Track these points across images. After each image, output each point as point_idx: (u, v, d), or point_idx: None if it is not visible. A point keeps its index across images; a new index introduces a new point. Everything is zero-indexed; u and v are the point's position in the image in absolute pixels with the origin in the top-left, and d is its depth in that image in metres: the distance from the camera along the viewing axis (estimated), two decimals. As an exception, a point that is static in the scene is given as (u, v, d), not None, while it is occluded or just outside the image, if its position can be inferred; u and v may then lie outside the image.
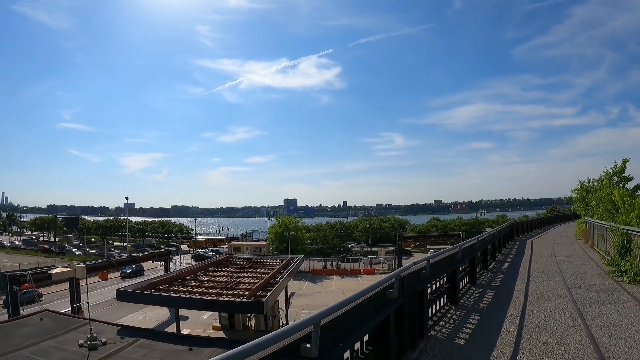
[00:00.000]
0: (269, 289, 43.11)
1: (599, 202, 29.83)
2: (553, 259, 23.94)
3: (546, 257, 25.03)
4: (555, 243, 34.45)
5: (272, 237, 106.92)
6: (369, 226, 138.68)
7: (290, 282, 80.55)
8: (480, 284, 17.02)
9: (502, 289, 15.83)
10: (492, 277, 18.63)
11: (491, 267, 21.20)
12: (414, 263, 9.18)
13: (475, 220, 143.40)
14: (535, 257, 25.25)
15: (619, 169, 29.79)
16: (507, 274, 19.51)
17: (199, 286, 45.07)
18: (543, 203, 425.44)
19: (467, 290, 15.60)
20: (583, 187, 41.73)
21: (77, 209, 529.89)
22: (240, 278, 49.01)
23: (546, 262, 23.01)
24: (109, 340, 18.66)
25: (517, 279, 17.91)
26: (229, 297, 40.29)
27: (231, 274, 51.72)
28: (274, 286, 44.89)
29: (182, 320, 46.50)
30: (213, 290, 42.94)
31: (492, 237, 23.55)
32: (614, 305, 12.59)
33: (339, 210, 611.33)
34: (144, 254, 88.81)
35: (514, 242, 36.28)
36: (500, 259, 25.13)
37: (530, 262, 23.12)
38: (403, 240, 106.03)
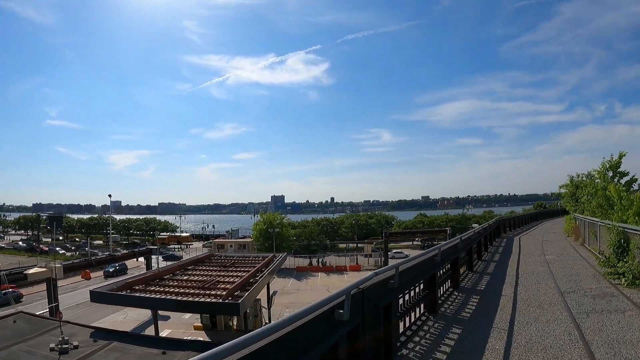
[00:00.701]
0: (247, 289, 41.63)
1: (591, 198, 28.26)
2: (543, 258, 22.40)
3: (535, 256, 23.48)
4: (544, 240, 32.96)
5: (256, 234, 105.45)
6: (354, 222, 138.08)
7: (275, 279, 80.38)
8: (464, 287, 15.38)
9: (488, 294, 14.20)
10: (477, 279, 17.03)
11: (477, 268, 19.60)
12: (376, 274, 7.48)
13: (462, 216, 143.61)
14: (523, 256, 23.67)
15: (615, 163, 27.79)
16: (493, 275, 17.89)
17: (176, 286, 43.66)
18: (530, 199, 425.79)
19: (449, 296, 13.99)
20: (572, 182, 40.25)
21: (64, 207, 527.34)
22: (220, 277, 47.62)
23: (535, 261, 21.44)
24: (82, 344, 18.15)
25: (504, 281, 16.32)
26: (205, 298, 38.95)
27: (210, 273, 50.38)
28: (253, 285, 43.48)
29: (163, 320, 45.00)
30: (190, 290, 41.60)
31: (478, 235, 21.97)
32: (614, 314, 11.03)
33: (327, 207, 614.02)
34: (124, 252, 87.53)
35: (501, 240, 34.74)
36: (486, 257, 23.55)
37: (519, 261, 21.52)
38: (389, 236, 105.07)
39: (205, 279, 46.70)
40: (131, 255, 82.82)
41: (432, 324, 11.04)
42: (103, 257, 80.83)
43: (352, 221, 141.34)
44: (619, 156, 27.55)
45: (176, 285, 44.16)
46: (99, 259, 77.90)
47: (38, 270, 54.19)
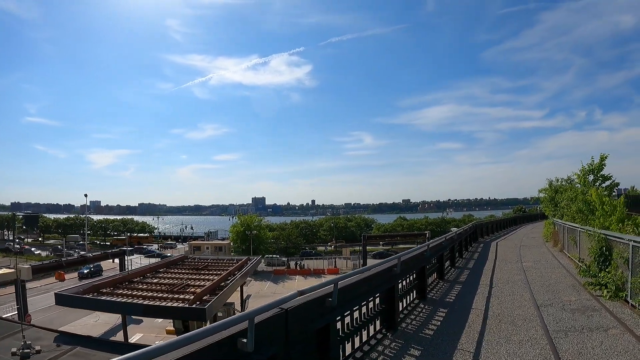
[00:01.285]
0: (217, 293, 40.34)
1: (571, 203, 26.98)
2: (519, 265, 21.16)
3: (512, 263, 22.25)
4: (522, 246, 31.86)
5: (234, 236, 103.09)
6: (333, 225, 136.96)
7: (252, 282, 79.41)
8: (432, 299, 13.96)
9: (457, 307, 12.80)
10: (447, 289, 15.66)
11: (449, 276, 18.26)
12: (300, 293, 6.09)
13: (442, 219, 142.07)
14: (499, 263, 22.42)
15: (597, 165, 26.40)
16: (466, 284, 16.52)
17: (145, 289, 42.38)
18: (510, 203, 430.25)
19: (413, 310, 12.55)
20: (552, 186, 39.01)
21: (42, 206, 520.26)
22: (191, 280, 46.37)
23: (512, 269, 20.19)
24: (45, 348, 17.85)
25: (476, 292, 14.95)
26: (173, 302, 37.56)
27: (182, 276, 49.18)
28: (223, 289, 42.19)
29: (135, 324, 43.46)
30: (159, 294, 40.31)
31: (451, 242, 20.68)
32: (595, 333, 9.69)
33: (307, 209, 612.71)
34: (96, 253, 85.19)
35: (477, 244, 33.60)
36: (460, 264, 22.24)
37: (494, 269, 20.24)
38: (368, 239, 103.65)
39: (175, 282, 45.51)
40: (104, 257, 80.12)
41: (388, 343, 9.66)
42: (74, 258, 78.78)
43: (330, 224, 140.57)
44: (601, 159, 25.95)
45: (145, 288, 42.93)
46: (70, 260, 75.69)
47: (5, 271, 52.36)
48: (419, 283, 13.77)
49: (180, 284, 44.43)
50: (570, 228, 22.45)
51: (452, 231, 23.39)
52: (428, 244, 14.75)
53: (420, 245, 14.79)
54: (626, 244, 12.33)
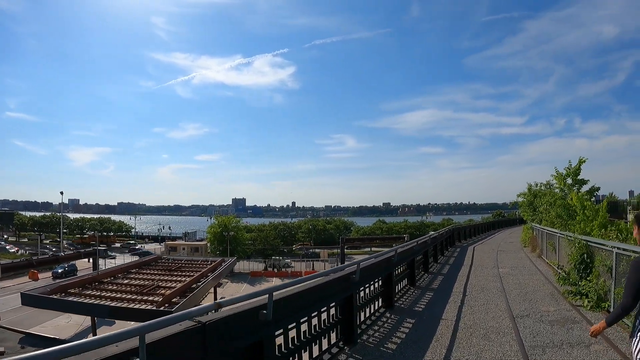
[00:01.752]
0: (187, 295, 39.40)
1: (550, 207, 26.12)
2: (496, 271, 20.21)
3: (488, 269, 21.29)
4: (499, 250, 31.01)
5: (211, 237, 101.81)
6: (311, 227, 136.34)
7: (228, 284, 78.25)
8: (400, 307, 12.91)
9: (427, 317, 11.75)
10: (418, 296, 14.65)
11: (421, 282, 17.23)
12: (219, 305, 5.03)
13: (421, 223, 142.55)
14: (475, 269, 21.46)
15: (574, 169, 25.24)
16: (438, 292, 15.48)
17: (115, 290, 41.64)
18: (489, 208, 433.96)
19: (378, 319, 11.46)
20: (531, 190, 38.23)
21: (20, 204, 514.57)
22: (162, 282, 45.51)
23: (487, 275, 19.24)
24: (9, 350, 18.13)
25: (448, 299, 13.90)
26: (141, 304, 36.62)
27: (154, 277, 48.34)
28: (194, 291, 41.35)
29: (108, 325, 42.02)
30: (128, 295, 39.62)
31: (424, 246, 19.62)
32: (576, 349, 8.66)
33: (288, 211, 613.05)
34: (69, 252, 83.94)
35: (454, 249, 32.65)
36: (435, 269, 21.21)
37: (469, 275, 19.27)
38: (346, 242, 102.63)
39: (146, 284, 44.73)
40: (76, 256, 78.77)
41: (344, 358, 8.60)
42: (46, 257, 77.50)
43: (309, 226, 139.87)
44: (579, 162, 24.79)
45: (115, 289, 42.19)
46: (41, 259, 74.51)
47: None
48: (385, 290, 12.77)
49: (150, 285, 43.61)
50: (549, 233, 21.48)
51: (427, 235, 22.63)
52: (396, 249, 13.66)
53: (387, 250, 13.71)
54: (609, 251, 11.34)
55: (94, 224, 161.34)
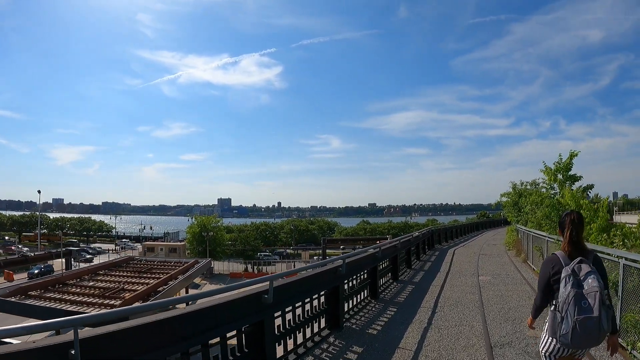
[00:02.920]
0: (148, 298, 37.29)
1: (536, 207, 23.65)
2: (475, 280, 17.74)
3: (467, 276, 18.84)
4: (481, 254, 28.54)
5: (190, 237, 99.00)
6: (293, 228, 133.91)
7: (207, 285, 75.74)
8: (350, 329, 10.34)
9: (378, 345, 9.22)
10: (377, 313, 12.21)
11: (385, 293, 14.75)
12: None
13: (405, 224, 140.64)
14: (452, 276, 19.02)
15: (565, 164, 21.24)
16: (403, 306, 13.00)
17: (76, 293, 39.85)
18: (474, 208, 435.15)
19: (317, 345, 9.23)
20: (515, 189, 35.77)
21: (3, 202, 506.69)
22: (128, 284, 43.62)
23: (465, 284, 16.78)
24: None
25: (413, 318, 11.30)
26: (100, 308, 34.67)
27: (120, 279, 46.49)
28: (159, 293, 39.37)
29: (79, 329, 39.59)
30: (89, 298, 37.97)
31: (393, 251, 17.31)
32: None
33: (273, 211, 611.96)
34: (39, 253, 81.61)
35: (433, 252, 30.30)
36: (406, 277, 18.82)
37: (444, 284, 16.77)
38: (328, 243, 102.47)
39: (111, 286, 42.73)
40: (47, 256, 76.43)
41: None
42: (14, 257, 75.52)
43: (290, 227, 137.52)
44: (570, 156, 20.85)
45: (77, 292, 40.25)
46: (10, 259, 72.85)
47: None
48: (329, 309, 10.37)
49: (115, 287, 41.64)
50: (536, 236, 19.05)
51: (397, 238, 20.19)
52: (344, 258, 10.78)
53: (334, 258, 11.10)
54: (614, 261, 8.82)
55: (74, 223, 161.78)
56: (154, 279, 45.70)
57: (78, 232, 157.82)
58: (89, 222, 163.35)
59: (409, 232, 37.59)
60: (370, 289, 13.82)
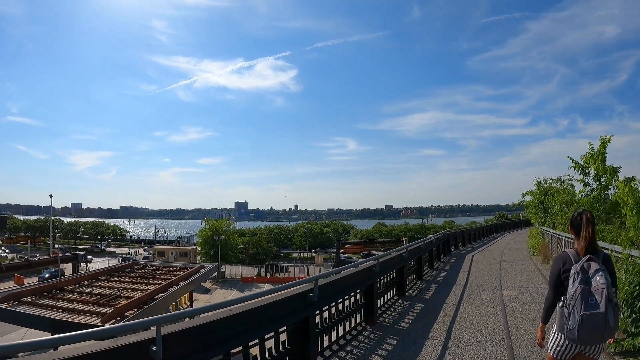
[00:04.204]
0: (142, 307, 34.89)
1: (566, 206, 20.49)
2: (497, 296, 14.75)
3: (487, 291, 15.82)
4: (503, 261, 25.26)
5: (201, 241, 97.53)
6: (306, 231, 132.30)
7: (217, 290, 73.95)
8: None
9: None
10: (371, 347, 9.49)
11: (387, 316, 11.99)
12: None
13: (422, 226, 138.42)
14: (470, 291, 15.97)
15: (599, 152, 15.86)
16: (405, 337, 10.08)
17: (72, 299, 37.39)
18: (492, 209, 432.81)
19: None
20: (540, 187, 32.26)
21: (22, 207, 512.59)
22: (127, 290, 41.05)
23: (486, 302, 13.84)
24: None
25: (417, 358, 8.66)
26: (90, 317, 32.53)
27: (120, 285, 44.05)
28: (156, 300, 37.05)
29: (65, 334, 37.37)
30: (84, 306, 35.38)
31: (400, 260, 14.59)
32: None
33: (290, 214, 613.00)
34: (44, 257, 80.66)
35: (449, 258, 27.28)
36: (415, 291, 15.94)
37: (460, 303, 13.76)
38: (342, 246, 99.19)
39: (109, 292, 40.48)
40: (52, 261, 75.49)
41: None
42: (17, 262, 74.69)
43: (304, 230, 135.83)
44: (602, 144, 15.91)
45: (73, 298, 37.85)
46: (13, 264, 72.94)
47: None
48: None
49: (112, 294, 39.30)
50: (568, 241, 15.93)
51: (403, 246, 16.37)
52: (316, 280, 8.19)
53: (301, 282, 8.38)
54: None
55: (88, 227, 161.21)
56: (154, 285, 43.21)
57: (92, 236, 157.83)
58: (103, 227, 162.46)
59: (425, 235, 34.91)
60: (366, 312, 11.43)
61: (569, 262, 4.90)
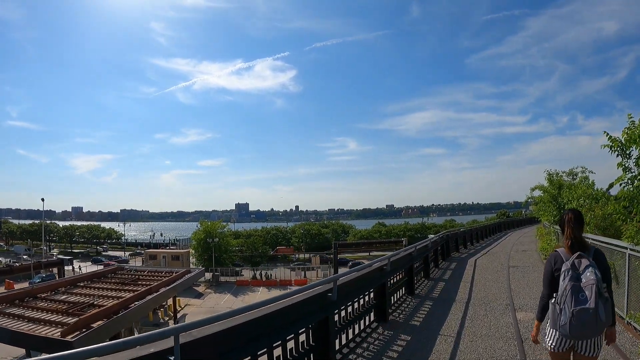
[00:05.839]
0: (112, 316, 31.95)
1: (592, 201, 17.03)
2: (509, 321, 11.12)
3: (496, 313, 12.14)
4: (511, 267, 21.56)
5: (195, 244, 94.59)
6: (303, 232, 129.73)
7: (210, 294, 71.07)
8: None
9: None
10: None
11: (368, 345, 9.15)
12: None
13: (422, 225, 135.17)
14: (474, 312, 12.37)
15: None
16: None
17: (44, 308, 34.51)
18: (493, 208, 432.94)
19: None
20: (552, 181, 28.24)
21: (23, 212, 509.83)
22: (102, 298, 37.89)
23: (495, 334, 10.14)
24: None
25: None
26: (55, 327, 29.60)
27: (97, 292, 41.19)
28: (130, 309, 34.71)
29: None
30: (53, 315, 32.70)
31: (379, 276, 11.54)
32: None
33: (291, 215, 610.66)
34: (27, 262, 77.68)
35: (449, 263, 23.91)
36: (406, 310, 12.64)
37: (462, 330, 10.36)
38: (341, 247, 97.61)
39: (83, 300, 37.77)
40: (37, 266, 73.67)
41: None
42: None
43: (301, 231, 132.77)
44: None
45: (44, 307, 35.17)
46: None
47: None
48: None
49: (86, 302, 36.70)
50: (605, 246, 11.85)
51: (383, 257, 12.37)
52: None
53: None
54: None
55: (83, 231, 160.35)
56: (132, 292, 40.22)
57: (87, 240, 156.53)
58: (98, 230, 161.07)
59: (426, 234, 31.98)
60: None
61: (560, 261, 4.96)
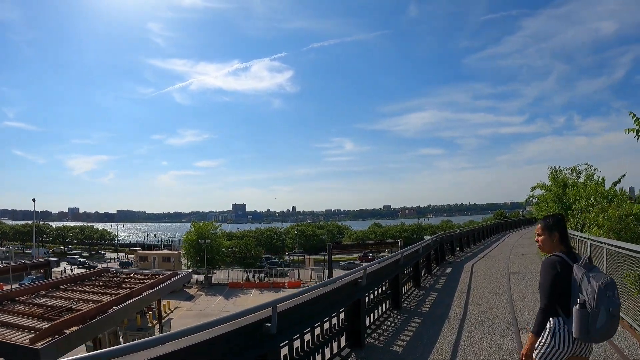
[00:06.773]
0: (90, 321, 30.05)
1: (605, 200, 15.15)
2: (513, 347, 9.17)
3: (497, 336, 10.04)
4: (512, 273, 19.51)
5: (187, 245, 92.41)
6: (297, 233, 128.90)
7: (201, 297, 69.46)
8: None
9: None
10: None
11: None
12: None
13: (418, 226, 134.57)
14: (470, 335, 10.22)
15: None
16: None
17: (20, 312, 32.44)
18: (490, 208, 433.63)
19: None
20: (557, 179, 26.26)
21: (19, 213, 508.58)
22: (80, 302, 35.71)
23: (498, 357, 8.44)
24: None
25: None
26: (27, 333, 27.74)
27: (77, 295, 38.73)
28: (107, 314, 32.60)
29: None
30: (28, 320, 30.99)
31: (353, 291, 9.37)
32: None
33: (288, 216, 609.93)
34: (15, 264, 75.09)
35: (443, 268, 21.91)
36: (387, 331, 10.68)
37: None
38: (335, 248, 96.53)
39: (61, 304, 35.30)
40: (21, 268, 71.40)
41: None
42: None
43: (295, 232, 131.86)
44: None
45: (21, 311, 33.23)
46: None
47: None
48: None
49: (64, 306, 34.28)
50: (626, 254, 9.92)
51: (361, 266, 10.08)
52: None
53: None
54: None
55: (76, 232, 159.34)
56: (113, 295, 38.42)
57: (80, 241, 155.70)
58: (91, 231, 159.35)
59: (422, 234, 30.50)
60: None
61: (567, 265, 4.65)
